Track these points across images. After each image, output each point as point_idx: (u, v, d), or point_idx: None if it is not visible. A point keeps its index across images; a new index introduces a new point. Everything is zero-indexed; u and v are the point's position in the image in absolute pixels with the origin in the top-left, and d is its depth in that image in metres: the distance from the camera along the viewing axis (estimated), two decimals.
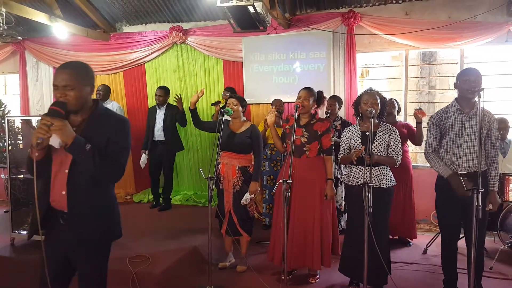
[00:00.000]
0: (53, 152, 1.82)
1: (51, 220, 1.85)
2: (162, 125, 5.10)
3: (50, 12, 5.16)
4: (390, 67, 5.58)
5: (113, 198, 1.99)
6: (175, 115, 5.08)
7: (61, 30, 5.25)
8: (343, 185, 4.09)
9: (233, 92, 4.89)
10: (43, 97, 6.54)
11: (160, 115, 5.15)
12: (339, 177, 4.29)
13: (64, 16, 5.33)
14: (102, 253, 1.96)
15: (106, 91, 5.37)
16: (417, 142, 4.11)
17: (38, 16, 4.91)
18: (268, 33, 5.09)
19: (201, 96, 3.68)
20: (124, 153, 1.90)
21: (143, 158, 5.14)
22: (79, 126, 1.82)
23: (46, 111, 5.69)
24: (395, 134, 2.96)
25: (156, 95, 5.17)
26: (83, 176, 1.79)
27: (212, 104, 5.25)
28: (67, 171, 1.80)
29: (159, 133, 5.12)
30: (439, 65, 5.66)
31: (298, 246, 3.11)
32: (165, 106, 5.16)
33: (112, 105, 5.41)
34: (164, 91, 5.18)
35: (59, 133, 1.66)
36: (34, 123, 4.52)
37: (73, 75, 1.76)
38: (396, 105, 4.15)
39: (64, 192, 1.80)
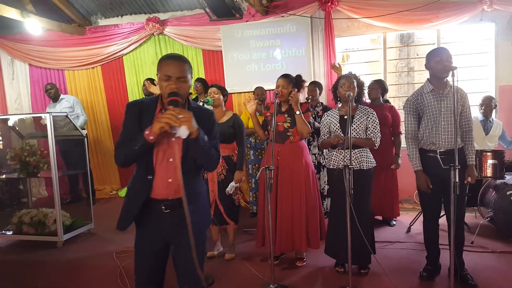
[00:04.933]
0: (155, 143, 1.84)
1: (148, 211, 1.87)
2: None
3: (21, 7, 5.02)
4: (369, 51, 5.61)
5: (201, 185, 2.03)
6: None
7: (34, 25, 5.12)
8: (325, 169, 4.14)
9: (204, 83, 4.84)
10: (20, 95, 6.40)
11: None
12: (321, 162, 4.34)
13: (36, 11, 5.20)
14: (204, 239, 1.99)
15: (55, 88, 5.42)
16: (395, 130, 4.16)
17: (9, 12, 4.77)
18: (246, 21, 5.06)
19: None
20: (218, 143, 1.98)
21: None
22: None
23: (24, 110, 5.51)
24: (372, 116, 3.00)
25: (143, 85, 5.03)
26: (190, 164, 1.83)
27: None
28: (171, 160, 1.83)
29: None
30: (417, 47, 5.72)
31: (286, 231, 3.14)
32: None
33: (67, 99, 5.40)
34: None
35: (188, 124, 1.67)
36: (14, 122, 4.46)
37: (187, 68, 1.81)
38: (380, 88, 4.16)
39: (170, 180, 1.83)
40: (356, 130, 2.96)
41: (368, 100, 4.17)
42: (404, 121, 2.93)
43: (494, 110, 4.23)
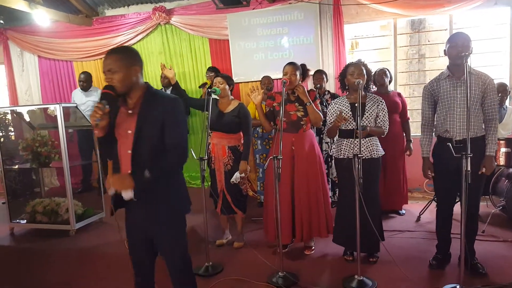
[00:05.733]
0: (116, 134, 1.94)
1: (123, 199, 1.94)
2: None
3: None
4: (379, 37, 5.51)
5: (177, 175, 2.03)
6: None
7: (42, 17, 5.15)
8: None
9: (217, 71, 4.82)
10: (30, 87, 6.47)
11: None
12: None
13: (44, 3, 5.21)
14: (175, 228, 2.01)
15: (89, 79, 5.38)
16: (404, 118, 4.13)
17: (17, 3, 4.79)
18: (253, 8, 5.00)
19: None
20: (183, 134, 1.93)
21: None
22: (134, 110, 1.90)
23: (34, 101, 5.61)
24: (382, 104, 2.97)
25: (161, 77, 5.01)
26: (145, 156, 1.87)
27: (199, 87, 5.20)
28: (129, 151, 1.88)
29: None
30: (428, 33, 5.59)
31: (307, 219, 3.16)
32: (170, 88, 4.93)
33: (97, 92, 5.39)
34: None
35: (120, 188, 1.81)
36: (24, 114, 4.52)
37: (115, 59, 1.84)
38: (388, 74, 4.12)
39: (129, 171, 1.87)
40: (368, 118, 2.93)
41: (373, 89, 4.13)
42: (421, 108, 2.90)
43: (508, 97, 4.15)
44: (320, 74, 4.45)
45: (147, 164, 1.84)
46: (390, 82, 4.22)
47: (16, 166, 4.43)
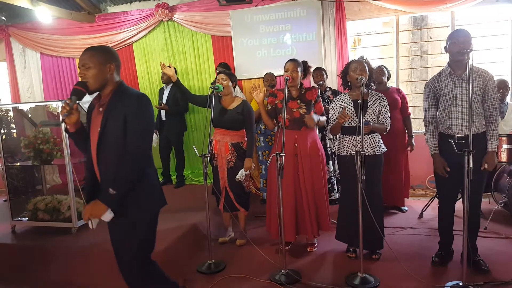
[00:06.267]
0: (91, 131, 1.95)
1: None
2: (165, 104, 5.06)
3: None
4: (381, 34, 5.50)
5: (143, 172, 1.93)
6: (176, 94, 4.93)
7: (44, 13, 5.13)
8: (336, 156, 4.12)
9: (227, 67, 4.81)
10: (32, 84, 6.45)
11: (165, 94, 5.10)
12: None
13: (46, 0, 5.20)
14: (132, 227, 1.98)
15: None
16: (405, 113, 4.14)
17: (20, 0, 4.77)
18: (256, 5, 4.99)
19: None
20: (143, 134, 1.86)
21: (154, 138, 5.12)
22: (103, 107, 1.90)
23: (36, 98, 5.60)
24: (384, 101, 2.98)
25: (162, 73, 5.00)
26: (110, 155, 1.87)
27: (212, 83, 5.19)
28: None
29: (163, 113, 5.09)
30: (430, 30, 5.58)
31: (314, 215, 3.18)
32: (170, 85, 5.01)
33: None
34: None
35: (95, 216, 1.88)
36: (26, 111, 4.51)
37: (90, 56, 1.86)
38: (386, 72, 4.12)
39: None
40: (371, 115, 2.93)
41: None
42: (423, 105, 2.89)
43: (510, 93, 4.14)
44: (319, 71, 4.45)
45: (113, 163, 1.83)
46: (388, 78, 4.21)
47: (18, 164, 4.42)
